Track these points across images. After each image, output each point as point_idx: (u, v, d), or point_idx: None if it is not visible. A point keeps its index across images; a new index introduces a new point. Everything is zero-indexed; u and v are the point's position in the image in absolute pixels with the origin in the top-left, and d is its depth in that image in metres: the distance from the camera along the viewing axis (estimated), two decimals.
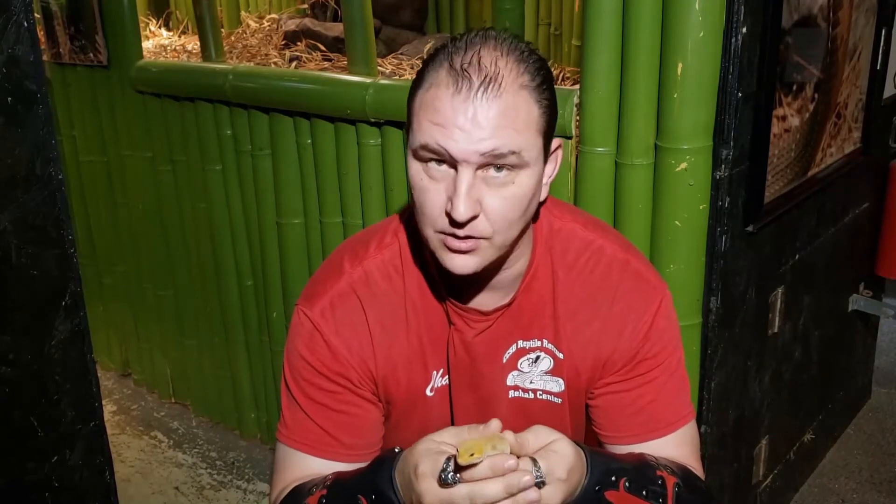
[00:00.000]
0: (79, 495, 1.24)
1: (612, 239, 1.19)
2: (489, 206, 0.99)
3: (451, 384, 1.16)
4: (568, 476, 0.95)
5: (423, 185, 1.01)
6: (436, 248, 1.03)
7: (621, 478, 1.02)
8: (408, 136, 1.04)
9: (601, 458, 1.04)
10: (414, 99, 1.02)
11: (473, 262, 1.02)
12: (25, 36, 1.05)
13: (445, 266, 1.03)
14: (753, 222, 1.69)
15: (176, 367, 2.82)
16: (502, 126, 0.96)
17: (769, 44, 1.58)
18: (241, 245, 2.39)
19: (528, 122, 0.98)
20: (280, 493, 1.14)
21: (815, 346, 2.24)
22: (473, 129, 0.95)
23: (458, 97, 0.96)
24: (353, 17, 1.96)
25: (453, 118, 0.96)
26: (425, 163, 1.00)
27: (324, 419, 1.14)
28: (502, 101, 0.96)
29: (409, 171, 1.03)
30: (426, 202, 1.01)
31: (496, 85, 0.96)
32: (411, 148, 1.01)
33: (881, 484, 2.37)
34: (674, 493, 1.06)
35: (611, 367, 1.15)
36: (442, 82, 0.97)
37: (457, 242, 1.00)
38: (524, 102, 0.98)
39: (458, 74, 0.96)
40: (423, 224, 1.03)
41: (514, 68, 0.98)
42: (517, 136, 0.97)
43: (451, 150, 0.96)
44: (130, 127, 2.53)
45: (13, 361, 1.12)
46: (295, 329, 1.16)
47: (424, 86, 1.00)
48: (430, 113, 0.98)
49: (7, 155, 1.06)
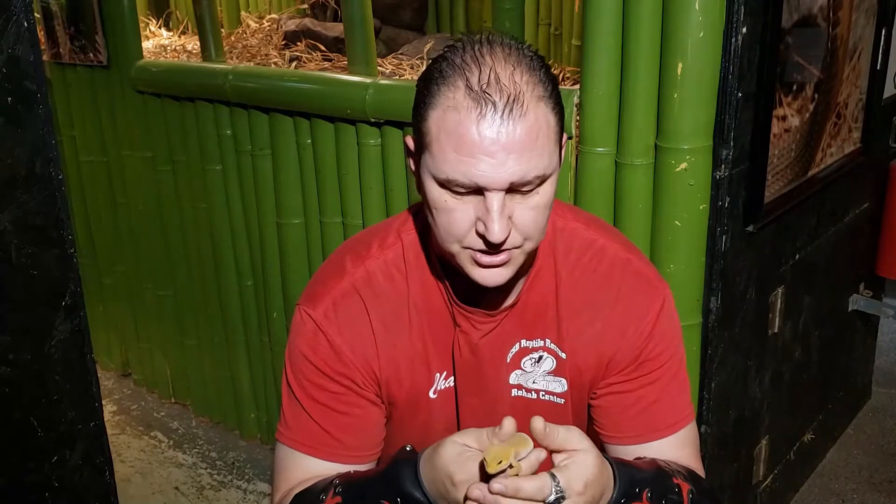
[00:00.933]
0: (79, 495, 1.24)
1: (614, 238, 1.19)
2: (519, 219, 0.98)
3: (456, 386, 1.16)
4: (585, 489, 0.94)
5: (449, 206, 0.99)
6: (464, 263, 1.02)
7: (644, 489, 1.02)
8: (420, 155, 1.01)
9: (626, 470, 1.04)
10: (427, 119, 0.98)
11: (506, 274, 1.02)
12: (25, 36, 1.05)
13: (476, 281, 1.03)
14: (753, 222, 1.69)
15: (176, 367, 2.82)
16: (527, 149, 0.95)
17: (769, 44, 1.58)
18: (241, 245, 2.39)
19: (549, 137, 0.97)
20: (284, 496, 1.14)
21: (815, 346, 2.24)
22: (500, 154, 0.94)
23: (483, 122, 0.93)
24: (353, 17, 1.96)
25: (480, 145, 0.93)
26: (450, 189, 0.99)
27: (326, 420, 1.14)
28: (526, 120, 0.94)
29: (428, 193, 1.00)
30: (453, 222, 0.99)
31: (519, 105, 0.94)
32: (434, 175, 0.98)
33: (881, 484, 2.37)
34: (689, 499, 1.06)
35: (613, 368, 1.15)
36: (461, 106, 0.94)
37: (491, 259, 1.00)
38: (543, 116, 0.96)
39: (478, 97, 0.93)
40: (449, 242, 1.01)
41: (529, 81, 0.96)
42: (542, 160, 0.96)
43: (480, 181, 0.95)
44: (130, 127, 2.53)
45: (13, 361, 1.12)
46: (297, 329, 1.16)
47: (440, 106, 0.96)
48: (453, 141, 0.95)
49: (7, 155, 1.06)
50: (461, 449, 0.96)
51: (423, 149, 1.00)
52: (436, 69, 0.98)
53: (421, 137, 1.00)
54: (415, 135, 1.03)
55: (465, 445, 0.97)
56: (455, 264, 1.04)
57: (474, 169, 0.94)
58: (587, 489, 0.95)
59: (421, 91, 1.00)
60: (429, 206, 1.02)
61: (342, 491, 1.06)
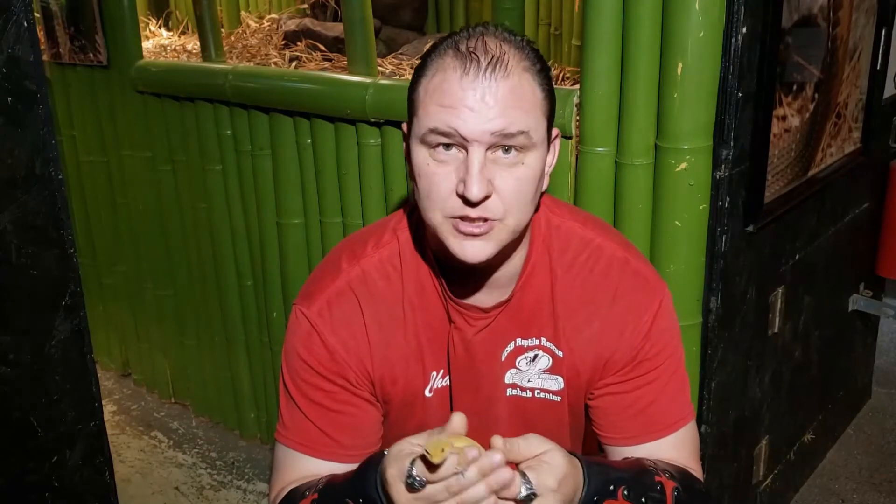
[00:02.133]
0: (79, 495, 1.24)
1: (611, 238, 1.19)
2: (501, 187, 0.99)
3: (451, 384, 1.16)
4: (559, 486, 0.94)
5: (431, 169, 1.00)
6: (445, 235, 1.02)
7: (620, 486, 1.02)
8: (410, 127, 1.04)
9: (598, 467, 1.03)
10: (417, 88, 1.02)
11: (487, 248, 1.01)
12: (25, 36, 1.05)
13: (456, 254, 1.02)
14: (753, 222, 1.69)
15: (176, 367, 2.82)
16: (511, 105, 0.97)
17: (769, 44, 1.58)
18: (241, 245, 2.39)
19: (534, 103, 1.00)
20: (278, 494, 1.14)
21: (815, 346, 2.24)
22: (483, 108, 0.96)
23: (466, 78, 0.97)
24: (353, 17, 1.96)
25: (462, 98, 0.96)
26: (432, 148, 1.00)
27: (321, 419, 1.14)
28: (509, 80, 0.97)
29: (413, 160, 1.02)
30: (434, 186, 1.00)
31: (503, 65, 0.97)
32: (417, 135, 1.01)
33: (881, 484, 2.37)
34: (673, 497, 1.05)
35: (611, 368, 1.15)
36: (448, 66, 0.98)
37: (470, 226, 0.99)
38: (528, 84, 0.99)
39: (464, 56, 0.97)
40: (431, 210, 1.01)
41: (517, 53, 0.99)
42: (525, 116, 0.98)
43: (462, 130, 0.96)
44: (130, 127, 2.53)
45: (13, 361, 1.12)
46: (292, 328, 1.16)
47: (429, 74, 1.01)
48: (437, 96, 0.98)
49: (7, 155, 1.06)
50: (405, 447, 0.95)
51: (412, 116, 1.03)
52: (431, 48, 1.03)
53: (411, 106, 1.03)
54: (408, 111, 1.05)
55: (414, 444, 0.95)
56: (439, 240, 1.04)
57: (456, 118, 0.96)
58: (561, 486, 0.94)
59: (415, 70, 1.04)
60: (415, 177, 1.03)
61: (321, 489, 1.07)
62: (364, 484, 1.00)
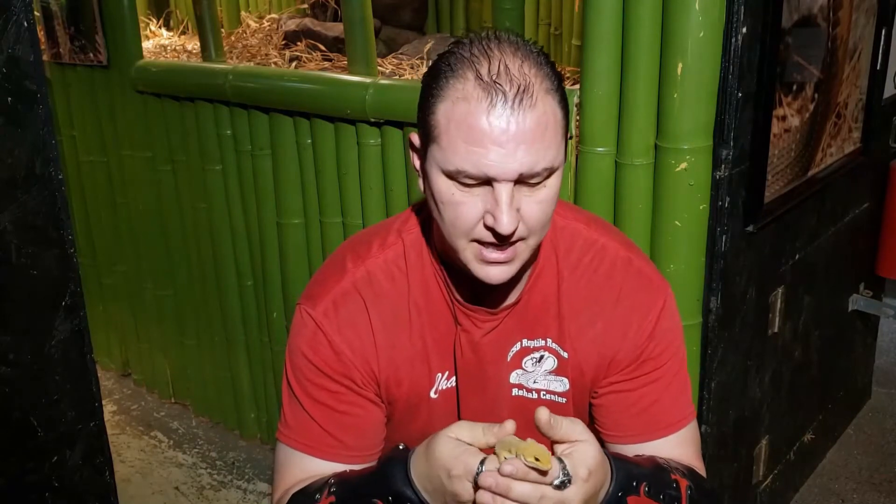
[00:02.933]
0: (79, 495, 1.24)
1: (615, 238, 1.19)
2: (526, 213, 0.99)
3: (458, 386, 1.16)
4: (588, 477, 0.95)
5: (456, 199, 0.99)
6: (469, 259, 1.02)
7: (642, 483, 1.03)
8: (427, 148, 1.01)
9: (623, 463, 1.04)
10: (436, 112, 0.98)
11: (511, 271, 1.02)
12: (25, 36, 1.05)
13: (480, 278, 1.02)
14: (753, 222, 1.69)
15: (176, 367, 2.82)
16: (537, 140, 0.95)
17: (769, 44, 1.58)
18: (241, 245, 2.39)
19: (557, 130, 0.98)
20: (282, 495, 1.14)
21: (815, 346, 2.24)
22: (510, 144, 0.94)
23: (493, 112, 0.94)
24: (353, 17, 1.96)
25: (491, 135, 0.94)
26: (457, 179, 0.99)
27: (326, 420, 1.14)
28: (535, 111, 0.95)
29: (434, 187, 1.00)
30: (461, 216, 0.99)
31: (529, 95, 0.94)
32: (441, 166, 0.98)
33: (881, 484, 2.37)
34: (687, 495, 1.06)
35: (615, 367, 1.15)
36: (472, 96, 0.94)
37: (496, 253, 1.00)
38: (552, 109, 0.97)
39: (489, 87, 0.94)
40: (455, 237, 1.01)
41: (537, 74, 0.96)
42: (550, 151, 0.97)
43: (490, 172, 0.95)
44: (130, 127, 2.53)
45: (13, 361, 1.12)
46: (297, 328, 1.16)
47: (449, 98, 0.97)
48: (464, 132, 0.95)
49: (7, 155, 1.06)
50: (455, 444, 0.96)
51: (431, 142, 1.00)
52: (444, 63, 0.99)
53: (428, 131, 1.00)
54: (420, 130, 1.03)
55: (458, 440, 0.96)
56: (459, 261, 1.04)
57: (485, 159, 0.94)
58: (591, 477, 0.95)
59: (428, 85, 1.00)
60: (435, 200, 1.01)
61: (336, 490, 1.06)
62: (391, 481, 1.00)
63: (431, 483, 0.97)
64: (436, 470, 0.96)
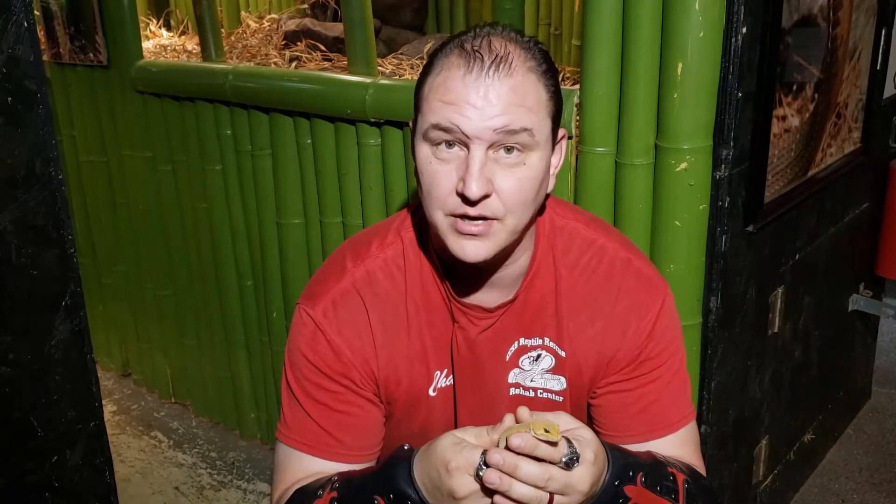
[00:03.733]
0: (79, 495, 1.24)
1: (614, 238, 1.19)
2: (501, 186, 0.99)
3: (455, 383, 1.16)
4: (595, 459, 0.95)
5: (433, 168, 1.01)
6: (445, 233, 1.02)
7: (638, 472, 1.03)
8: (415, 124, 1.04)
9: (619, 452, 1.04)
10: (423, 86, 1.03)
11: (486, 248, 1.01)
12: (25, 36, 1.05)
13: (455, 253, 1.02)
14: (753, 222, 1.69)
15: (176, 367, 2.82)
16: (514, 103, 0.97)
17: (769, 44, 1.58)
18: (241, 245, 2.39)
19: (538, 102, 1.00)
20: (282, 494, 1.14)
21: (815, 346, 2.24)
22: (486, 105, 0.96)
23: (469, 76, 0.97)
24: (353, 17, 1.96)
25: (465, 95, 0.97)
26: (435, 146, 1.00)
27: (325, 419, 1.14)
28: (513, 79, 0.98)
29: (417, 157, 1.03)
30: (435, 184, 1.00)
31: (507, 64, 0.97)
32: (420, 132, 1.02)
33: (881, 484, 2.37)
34: (684, 489, 1.06)
35: (614, 367, 1.15)
36: (453, 64, 0.99)
37: (469, 225, 1.00)
38: (533, 84, 1.00)
39: (469, 55, 0.98)
40: (432, 208, 1.02)
41: (522, 52, 1.00)
42: (528, 114, 0.98)
43: (464, 126, 0.97)
44: (130, 127, 2.53)
45: (13, 361, 1.12)
46: (297, 328, 1.16)
47: (434, 72, 1.02)
48: (440, 93, 0.99)
49: (7, 155, 1.06)
50: (457, 439, 0.96)
51: (417, 114, 1.04)
52: (437, 49, 1.04)
53: (417, 106, 1.04)
54: (413, 111, 1.06)
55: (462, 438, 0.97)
56: (440, 239, 1.04)
57: (458, 115, 0.97)
58: (597, 459, 0.95)
59: (423, 68, 1.05)
60: (418, 175, 1.04)
61: (339, 486, 1.07)
62: (393, 479, 1.00)
63: (430, 479, 0.97)
64: (435, 464, 0.96)
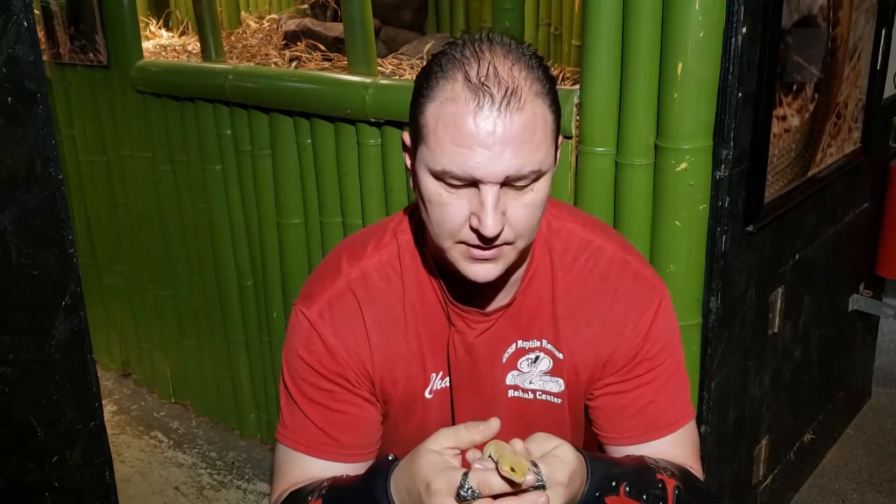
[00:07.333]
0: (79, 495, 1.24)
1: (611, 239, 1.19)
2: (512, 215, 0.98)
3: (451, 386, 1.16)
4: (569, 481, 0.94)
5: (443, 200, 0.99)
6: (456, 258, 1.02)
7: (622, 483, 1.02)
8: (416, 148, 1.01)
9: (601, 463, 1.03)
10: (424, 112, 0.98)
11: (497, 269, 1.02)
12: (25, 36, 1.05)
13: (467, 275, 1.02)
14: (753, 222, 1.69)
15: (176, 367, 2.82)
16: (524, 142, 0.95)
17: (769, 44, 1.58)
18: (241, 245, 2.39)
19: (546, 133, 0.98)
20: (280, 495, 1.14)
21: (815, 346, 2.24)
22: (497, 147, 0.94)
23: (480, 113, 0.94)
24: (353, 17, 1.96)
25: (477, 137, 0.94)
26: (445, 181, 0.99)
27: (322, 419, 1.14)
28: (523, 113, 0.94)
29: (422, 186, 1.00)
30: (447, 218, 0.99)
31: (517, 98, 0.94)
32: (428, 166, 0.98)
33: (881, 484, 2.37)
34: (674, 495, 1.05)
35: (611, 368, 1.15)
36: (460, 97, 0.94)
37: (483, 254, 1.00)
38: (541, 112, 0.97)
39: (476, 89, 0.94)
40: (441, 237, 1.01)
41: (527, 77, 0.96)
42: (538, 154, 0.96)
43: (476, 174, 0.95)
44: (130, 127, 2.53)
45: (13, 361, 1.12)
46: (293, 328, 1.16)
47: (437, 99, 0.97)
48: (451, 132, 0.95)
49: (7, 155, 1.06)
50: (438, 457, 0.94)
51: (420, 142, 1.00)
52: (435, 64, 0.99)
53: (418, 130, 1.00)
54: (411, 129, 1.03)
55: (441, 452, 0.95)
56: (447, 260, 1.04)
57: (470, 161, 0.94)
58: (571, 481, 0.94)
59: (419, 85, 1.00)
60: (423, 200, 1.02)
61: (326, 493, 1.07)
62: (372, 489, 1.00)
63: (410, 496, 0.96)
64: (415, 482, 0.94)
